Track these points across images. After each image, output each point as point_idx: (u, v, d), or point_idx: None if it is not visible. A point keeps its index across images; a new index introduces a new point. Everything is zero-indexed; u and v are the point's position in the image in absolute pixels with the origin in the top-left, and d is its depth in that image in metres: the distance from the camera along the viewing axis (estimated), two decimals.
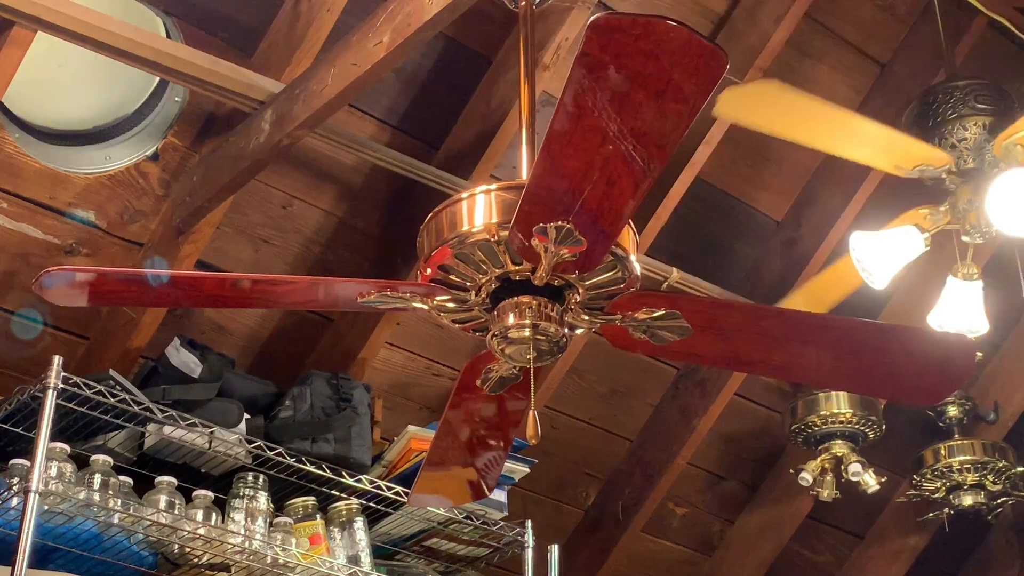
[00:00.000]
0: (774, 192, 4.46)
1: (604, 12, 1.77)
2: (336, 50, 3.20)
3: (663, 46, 1.77)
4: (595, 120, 1.87)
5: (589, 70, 1.81)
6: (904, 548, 5.06)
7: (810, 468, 4.33)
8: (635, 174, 1.96)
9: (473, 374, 2.51)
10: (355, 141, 3.59)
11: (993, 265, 4.10)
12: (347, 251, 3.93)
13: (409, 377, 4.19)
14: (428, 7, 2.90)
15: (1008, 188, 3.26)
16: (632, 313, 2.31)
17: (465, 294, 2.30)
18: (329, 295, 2.38)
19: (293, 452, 3.44)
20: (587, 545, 4.63)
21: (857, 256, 3.42)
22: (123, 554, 3.18)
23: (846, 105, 4.28)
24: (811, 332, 2.37)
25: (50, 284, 2.29)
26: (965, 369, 2.43)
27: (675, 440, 4.54)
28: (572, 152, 1.94)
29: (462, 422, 2.64)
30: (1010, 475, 4.45)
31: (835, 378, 2.61)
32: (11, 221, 3.50)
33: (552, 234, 2.09)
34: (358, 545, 3.50)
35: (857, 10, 4.23)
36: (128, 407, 3.21)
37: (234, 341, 3.89)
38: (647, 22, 1.76)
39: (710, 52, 1.78)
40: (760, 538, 4.89)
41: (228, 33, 3.56)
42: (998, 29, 4.08)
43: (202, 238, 3.61)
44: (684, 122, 1.88)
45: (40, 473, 2.92)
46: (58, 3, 3.04)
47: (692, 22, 3.99)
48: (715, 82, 1.82)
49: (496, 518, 3.71)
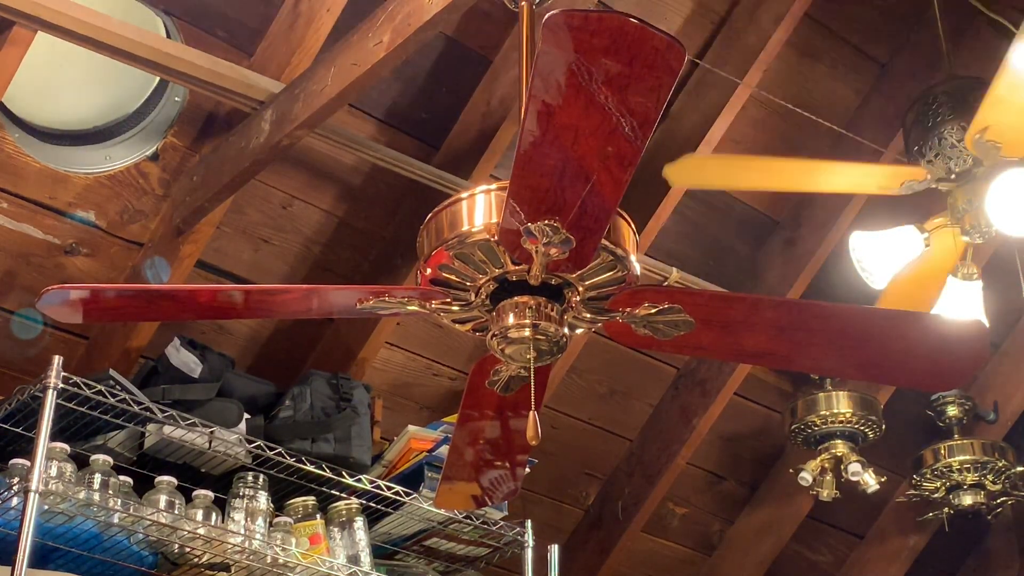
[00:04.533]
0: (774, 192, 4.45)
1: (563, 10, 1.77)
2: (336, 50, 3.20)
3: (619, 41, 1.78)
4: (564, 118, 1.88)
5: (550, 68, 1.82)
6: (904, 548, 5.06)
7: (810, 468, 4.32)
8: (612, 169, 1.97)
9: (481, 375, 2.51)
10: (355, 141, 3.59)
11: (993, 265, 4.10)
12: (347, 251, 3.93)
13: (409, 377, 4.19)
14: (428, 7, 2.90)
15: (1007, 188, 3.26)
16: (633, 309, 2.32)
17: (465, 295, 2.31)
18: (326, 303, 2.38)
19: (293, 452, 3.44)
20: (587, 545, 4.63)
21: (857, 256, 3.42)
22: (123, 554, 3.18)
23: (846, 105, 4.31)
24: (816, 321, 2.37)
25: (50, 302, 2.30)
26: (980, 354, 2.44)
27: (675, 440, 4.54)
28: (547, 151, 1.95)
29: (473, 431, 2.65)
30: (1010, 475, 4.45)
31: (844, 366, 2.61)
32: (11, 221, 3.50)
33: (539, 234, 2.09)
34: (358, 545, 3.50)
35: (857, 10, 4.23)
36: (128, 407, 3.21)
37: (234, 341, 3.89)
38: (600, 17, 1.76)
39: (667, 45, 1.78)
40: (760, 538, 4.90)
41: (228, 33, 3.56)
42: (998, 29, 4.08)
43: (202, 238, 3.61)
44: (652, 115, 1.88)
45: (40, 473, 2.92)
46: (58, 3, 3.05)
47: (692, 22, 4.01)
48: (675, 74, 1.81)
49: (496, 518, 3.71)
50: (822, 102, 4.27)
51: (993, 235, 3.38)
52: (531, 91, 1.85)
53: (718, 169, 3.18)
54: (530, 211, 2.06)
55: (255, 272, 3.84)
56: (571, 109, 1.87)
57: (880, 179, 3.34)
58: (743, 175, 3.21)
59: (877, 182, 3.34)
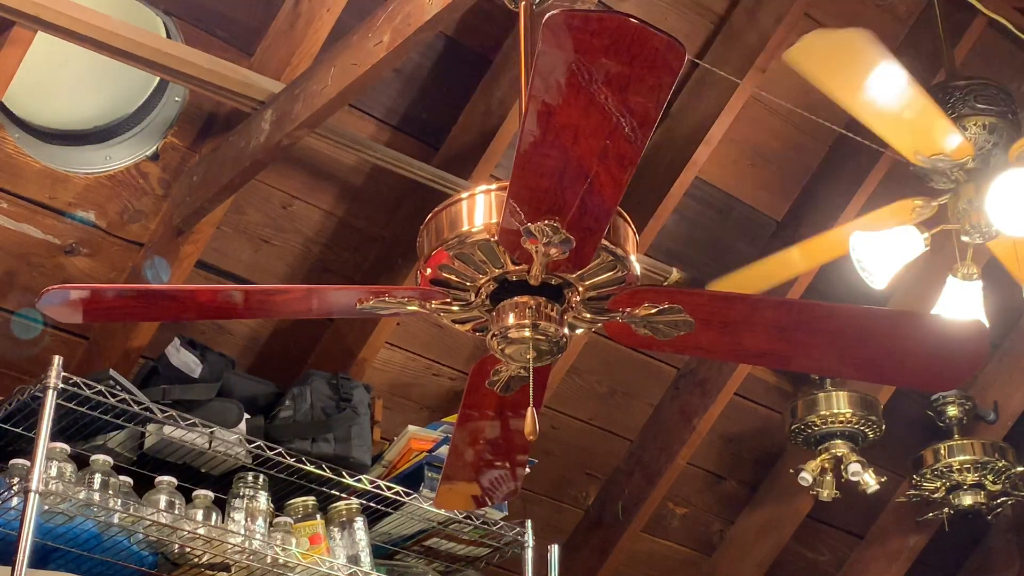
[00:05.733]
0: (774, 192, 4.46)
1: (563, 10, 1.77)
2: (336, 50, 3.20)
3: (619, 41, 1.78)
4: (564, 118, 1.88)
5: (550, 69, 1.82)
6: (904, 548, 5.06)
7: (810, 468, 4.32)
8: (612, 169, 1.97)
9: (481, 375, 2.51)
10: (355, 141, 3.59)
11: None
12: (347, 251, 3.93)
13: (409, 377, 4.19)
14: (428, 7, 2.90)
15: (1008, 188, 3.26)
16: (633, 309, 2.32)
17: (465, 295, 2.31)
18: (326, 303, 2.38)
19: (293, 452, 3.44)
20: (587, 545, 4.63)
21: (857, 256, 3.42)
22: (123, 554, 3.18)
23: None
24: (816, 321, 2.37)
25: (50, 302, 2.30)
26: (980, 354, 2.44)
27: (675, 440, 4.54)
28: (547, 151, 1.95)
29: (474, 430, 2.65)
30: (1010, 475, 4.45)
31: (844, 366, 2.60)
32: (11, 221, 3.50)
33: (539, 234, 2.09)
34: (358, 545, 3.50)
35: (857, 10, 4.22)
36: (128, 407, 3.21)
37: (234, 341, 3.89)
38: (600, 18, 1.76)
39: (667, 45, 1.78)
40: (760, 538, 4.90)
41: (228, 33, 3.56)
42: (998, 29, 4.08)
43: (202, 238, 3.61)
44: (652, 115, 1.88)
45: (40, 473, 2.92)
46: (58, 3, 3.05)
47: (692, 22, 4.01)
48: (675, 74, 1.82)
49: (496, 518, 3.71)
50: (822, 102, 4.25)
51: (993, 235, 3.38)
52: (531, 91, 1.85)
53: (839, 56, 3.12)
54: (530, 211, 2.06)
55: (255, 272, 3.84)
56: (571, 109, 1.87)
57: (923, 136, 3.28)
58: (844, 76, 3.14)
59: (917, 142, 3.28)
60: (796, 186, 4.46)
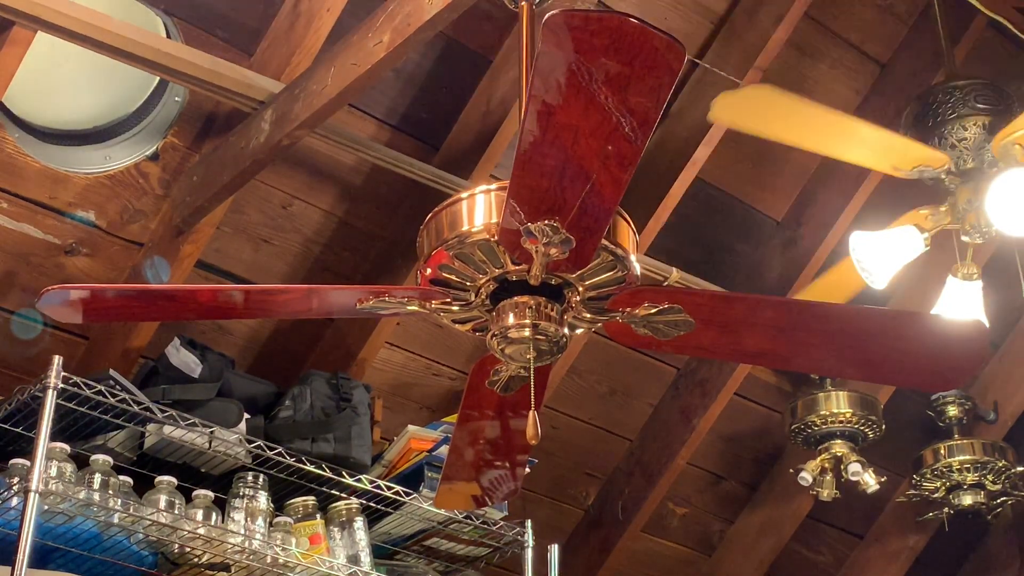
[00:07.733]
0: (774, 192, 4.46)
1: (563, 10, 1.77)
2: (336, 50, 3.20)
3: (619, 41, 1.78)
4: (564, 118, 1.88)
5: (550, 68, 1.82)
6: (904, 548, 5.06)
7: (810, 468, 4.32)
8: (612, 169, 1.97)
9: (481, 375, 2.51)
10: (355, 141, 3.59)
11: (993, 265, 4.10)
12: (347, 251, 3.93)
13: (409, 377, 4.19)
14: (428, 7, 2.90)
15: (1008, 188, 3.26)
16: (633, 309, 2.32)
17: (465, 295, 2.31)
18: (326, 303, 2.38)
19: (293, 452, 3.44)
20: (587, 545, 4.63)
21: (857, 256, 3.42)
22: (123, 554, 3.18)
23: (846, 105, 4.30)
24: (816, 321, 2.37)
25: (50, 302, 2.31)
26: (980, 354, 2.44)
27: (675, 440, 4.54)
28: (547, 151, 1.95)
29: (475, 430, 2.65)
30: (1010, 475, 4.45)
31: (844, 366, 2.61)
32: (11, 221, 3.50)
33: (539, 234, 2.10)
34: (358, 545, 3.50)
35: (857, 10, 4.23)
36: (128, 407, 3.21)
37: (234, 341, 3.89)
38: (600, 18, 1.76)
39: (667, 45, 1.78)
40: (760, 538, 4.90)
41: (228, 33, 3.56)
42: (998, 29, 4.08)
43: (202, 238, 3.61)
44: (652, 115, 1.88)
45: (40, 473, 2.92)
46: (58, 3, 3.05)
47: (692, 22, 4.01)
48: (675, 74, 1.82)
49: (496, 518, 3.71)
50: (822, 102, 4.23)
51: (993, 235, 3.38)
52: (531, 91, 1.85)
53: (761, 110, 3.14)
54: (530, 211, 2.06)
55: (255, 272, 3.84)
56: (571, 109, 1.87)
57: (896, 155, 3.30)
58: (781, 124, 3.17)
59: (892, 160, 3.30)
60: (796, 186, 4.46)
